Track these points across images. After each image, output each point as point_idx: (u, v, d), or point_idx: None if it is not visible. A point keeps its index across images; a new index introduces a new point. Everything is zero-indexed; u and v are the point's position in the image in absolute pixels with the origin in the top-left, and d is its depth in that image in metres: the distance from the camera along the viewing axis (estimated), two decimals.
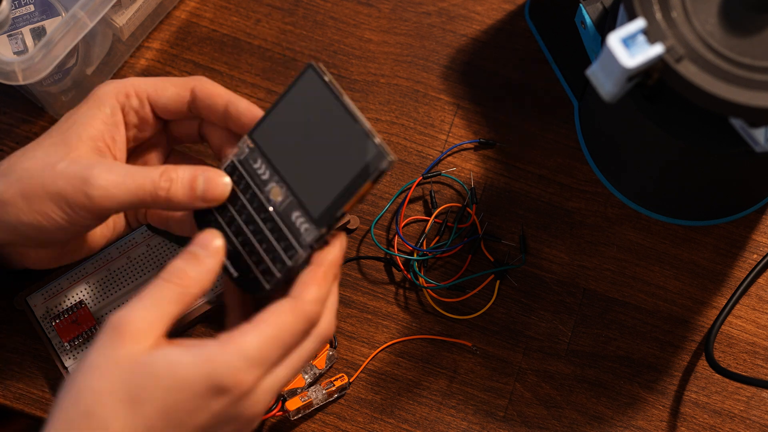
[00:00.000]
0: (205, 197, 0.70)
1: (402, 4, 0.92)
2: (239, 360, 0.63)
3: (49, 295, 0.83)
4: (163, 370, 0.63)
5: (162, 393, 0.62)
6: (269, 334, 0.65)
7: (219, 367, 0.63)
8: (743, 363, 0.85)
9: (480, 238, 0.86)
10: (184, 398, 0.63)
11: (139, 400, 0.62)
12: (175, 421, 0.63)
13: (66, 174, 0.69)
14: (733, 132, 0.75)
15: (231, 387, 0.63)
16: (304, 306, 0.66)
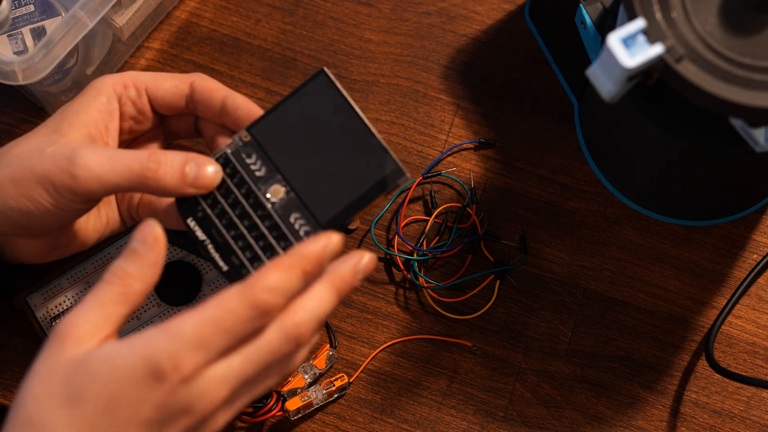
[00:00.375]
0: (195, 183, 0.69)
1: (402, 4, 0.92)
2: (175, 342, 0.61)
3: (49, 295, 0.83)
4: (99, 365, 0.61)
5: (100, 388, 0.61)
6: (208, 317, 0.61)
7: (154, 350, 0.60)
8: (743, 363, 0.85)
9: (480, 238, 0.86)
10: (122, 390, 0.60)
11: (78, 400, 0.61)
12: (118, 416, 0.60)
13: (53, 155, 0.69)
14: (733, 132, 0.75)
15: (168, 370, 0.60)
16: (254, 291, 0.62)
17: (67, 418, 0.60)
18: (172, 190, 0.69)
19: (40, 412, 0.61)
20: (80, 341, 0.62)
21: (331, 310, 0.66)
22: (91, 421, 0.60)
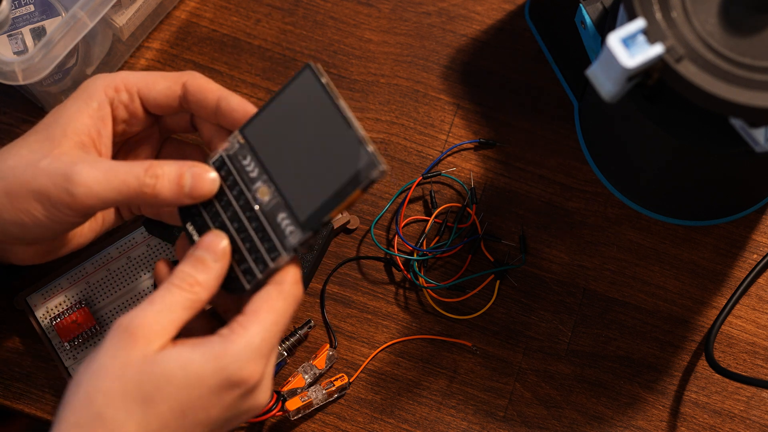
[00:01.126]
0: (192, 194, 0.69)
1: (402, 4, 0.92)
2: (248, 353, 0.65)
3: (49, 295, 0.83)
4: (175, 369, 0.63)
5: (175, 391, 0.63)
6: (269, 323, 0.66)
7: (230, 361, 0.64)
8: (743, 363, 0.85)
9: (480, 238, 0.86)
10: (197, 395, 0.63)
11: (152, 400, 0.63)
12: (190, 417, 0.64)
13: (48, 171, 0.68)
14: (733, 132, 0.75)
15: (243, 380, 0.65)
16: (290, 289, 0.67)
17: (140, 416, 0.63)
18: (169, 203, 0.70)
19: (112, 409, 0.62)
20: (148, 341, 0.64)
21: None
22: (163, 420, 0.63)
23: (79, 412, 0.62)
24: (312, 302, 0.86)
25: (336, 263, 0.86)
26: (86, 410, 0.62)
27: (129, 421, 0.62)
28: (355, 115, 0.69)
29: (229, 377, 0.64)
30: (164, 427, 0.63)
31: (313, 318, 0.85)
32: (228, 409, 0.65)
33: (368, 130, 0.89)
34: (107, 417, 0.62)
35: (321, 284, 0.86)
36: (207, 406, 0.64)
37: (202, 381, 0.64)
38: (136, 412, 0.62)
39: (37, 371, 0.84)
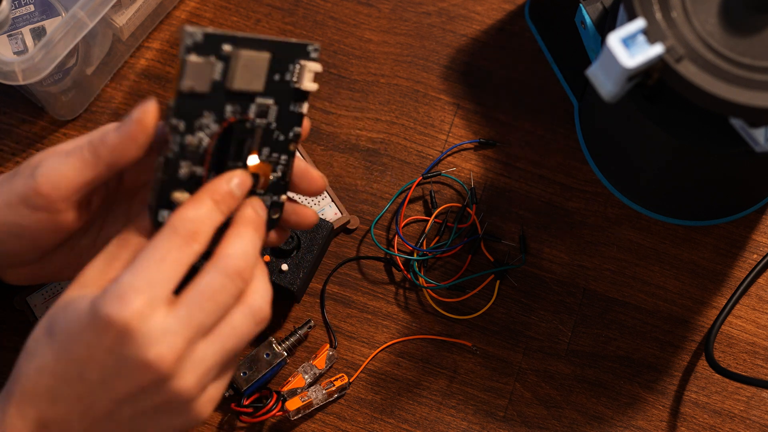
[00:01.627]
0: (137, 118, 0.67)
1: (402, 4, 0.92)
2: (123, 287, 0.61)
3: (49, 295, 0.83)
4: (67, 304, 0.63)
5: (62, 322, 0.63)
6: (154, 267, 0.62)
7: (101, 295, 0.62)
8: (743, 363, 0.85)
9: (480, 238, 0.86)
10: (76, 328, 0.62)
11: (51, 331, 0.63)
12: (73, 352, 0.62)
13: (22, 173, 0.69)
14: (733, 132, 0.75)
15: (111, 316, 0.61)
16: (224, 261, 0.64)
17: (42, 348, 0.63)
18: (126, 148, 0.67)
19: (32, 342, 0.64)
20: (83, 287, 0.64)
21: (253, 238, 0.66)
22: (55, 353, 0.63)
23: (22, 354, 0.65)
24: (312, 302, 0.86)
25: (336, 263, 0.86)
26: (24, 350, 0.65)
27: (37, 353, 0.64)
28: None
29: (96, 311, 0.61)
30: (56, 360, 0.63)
31: (313, 318, 0.85)
32: (109, 352, 0.61)
33: (368, 130, 0.89)
34: (28, 347, 0.64)
35: (321, 284, 0.86)
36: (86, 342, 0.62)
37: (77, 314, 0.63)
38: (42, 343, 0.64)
39: None
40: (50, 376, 0.63)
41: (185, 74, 0.65)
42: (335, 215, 0.86)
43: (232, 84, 0.66)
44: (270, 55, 0.67)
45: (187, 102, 0.66)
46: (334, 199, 0.86)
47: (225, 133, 0.67)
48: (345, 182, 0.88)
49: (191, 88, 0.65)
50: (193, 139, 0.66)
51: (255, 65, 0.67)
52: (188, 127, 0.66)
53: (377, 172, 0.88)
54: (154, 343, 0.61)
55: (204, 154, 0.67)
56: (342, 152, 0.89)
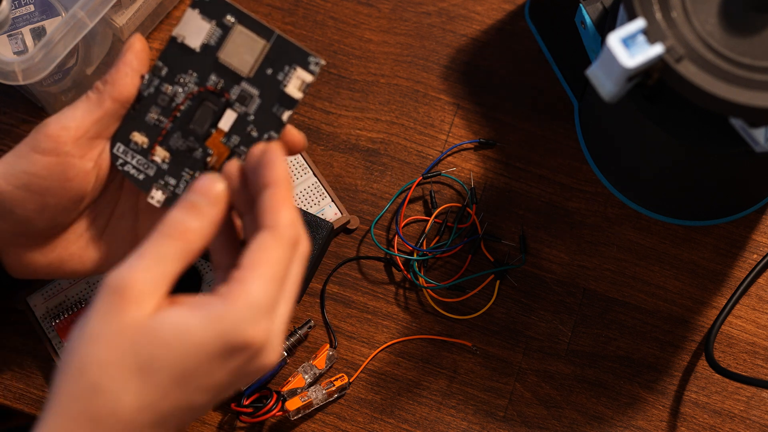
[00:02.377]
0: (128, 44, 0.69)
1: (402, 4, 0.92)
2: (251, 312, 0.60)
3: (49, 295, 0.83)
4: (172, 336, 0.59)
5: (174, 358, 0.59)
6: (268, 275, 0.61)
7: (231, 325, 0.60)
8: (743, 363, 0.85)
9: (480, 238, 0.86)
10: (198, 362, 0.59)
11: (149, 370, 0.59)
12: (192, 385, 0.60)
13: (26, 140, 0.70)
14: (733, 132, 0.75)
15: (247, 343, 0.60)
16: (284, 232, 0.62)
17: (137, 387, 0.59)
18: (124, 75, 0.69)
19: (109, 380, 0.59)
20: (140, 302, 0.60)
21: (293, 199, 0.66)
22: (163, 389, 0.59)
23: (74, 382, 0.59)
24: (312, 302, 0.86)
25: (336, 263, 0.86)
26: (81, 381, 0.59)
27: (126, 392, 0.59)
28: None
29: (231, 342, 0.59)
30: (164, 397, 0.60)
31: (313, 318, 0.85)
32: (233, 374, 0.61)
33: (368, 130, 0.89)
34: (103, 388, 0.59)
35: (321, 284, 0.86)
36: (209, 372, 0.60)
37: (201, 348, 0.59)
38: (133, 382, 0.59)
39: (37, 371, 0.84)
40: (153, 413, 0.60)
41: (181, 23, 0.69)
42: (335, 215, 0.86)
43: (220, 54, 0.69)
44: (267, 45, 0.68)
45: (176, 51, 0.69)
46: (334, 199, 0.86)
47: (200, 98, 0.69)
48: (345, 182, 0.88)
49: (183, 39, 0.69)
50: (169, 88, 0.69)
51: (248, 46, 0.68)
52: (169, 75, 0.69)
53: (377, 172, 0.88)
54: (275, 347, 0.62)
55: (174, 108, 0.70)
56: (342, 152, 0.89)
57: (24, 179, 0.70)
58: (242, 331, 0.60)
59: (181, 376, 0.60)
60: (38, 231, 0.73)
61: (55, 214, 0.72)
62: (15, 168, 0.70)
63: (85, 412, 0.59)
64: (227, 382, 0.61)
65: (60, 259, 0.74)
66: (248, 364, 0.61)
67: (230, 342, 0.60)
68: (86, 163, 0.71)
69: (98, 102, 0.70)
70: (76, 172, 0.70)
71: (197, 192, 0.64)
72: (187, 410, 0.61)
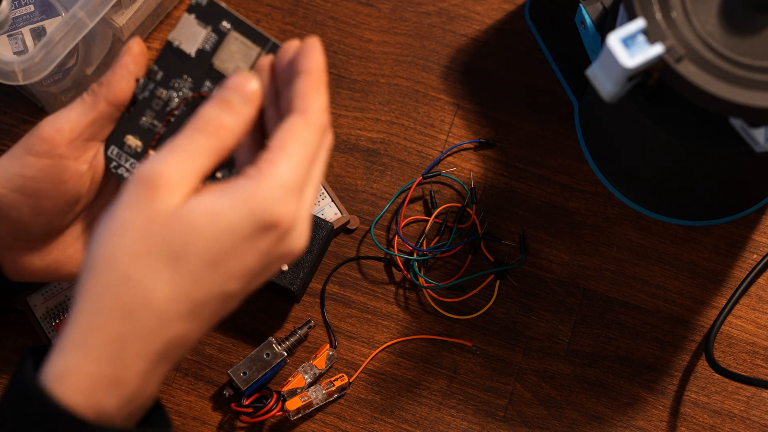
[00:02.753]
0: (126, 47, 0.69)
1: (402, 4, 0.92)
2: (280, 191, 0.59)
3: (49, 295, 0.83)
4: (203, 220, 0.58)
5: (206, 244, 0.58)
6: (298, 156, 0.60)
7: (261, 203, 0.59)
8: (743, 363, 0.85)
9: (480, 238, 0.86)
10: (230, 245, 0.58)
11: (181, 256, 0.58)
12: (223, 270, 0.59)
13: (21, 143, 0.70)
14: (733, 132, 0.75)
15: (277, 221, 0.59)
16: (315, 117, 0.62)
17: (170, 274, 0.58)
18: (120, 78, 0.69)
19: (139, 270, 0.58)
20: (171, 193, 0.59)
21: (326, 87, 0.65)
22: (195, 276, 0.59)
23: (103, 275, 0.58)
24: (312, 302, 0.86)
25: (336, 263, 0.86)
26: (110, 273, 0.58)
27: (158, 282, 0.58)
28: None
29: (262, 220, 0.59)
30: (196, 284, 0.59)
31: (313, 318, 0.85)
32: (264, 256, 0.60)
33: (368, 130, 0.89)
34: (134, 278, 0.58)
35: (321, 284, 0.86)
36: (241, 255, 0.59)
37: (233, 229, 0.58)
38: (164, 271, 0.58)
39: None
40: (186, 303, 0.59)
41: (177, 27, 0.69)
42: (335, 215, 0.86)
43: (215, 60, 0.69)
44: (262, 53, 0.69)
45: (172, 56, 0.69)
46: (334, 199, 0.86)
47: (194, 103, 0.69)
48: (345, 182, 0.88)
49: (178, 44, 0.69)
50: (164, 92, 0.70)
51: (243, 53, 0.68)
52: (164, 79, 0.69)
53: (377, 172, 0.88)
54: (303, 231, 0.61)
55: (168, 112, 0.70)
56: (342, 152, 0.89)
57: (19, 182, 0.70)
58: (272, 209, 0.59)
59: (213, 260, 0.59)
60: (34, 234, 0.73)
61: (50, 216, 0.72)
62: (9, 171, 0.70)
63: (116, 305, 0.58)
64: (258, 267, 0.60)
65: (57, 262, 0.74)
66: (277, 246, 0.60)
67: (261, 220, 0.59)
68: (81, 166, 0.70)
69: (93, 104, 0.69)
70: (71, 174, 0.70)
71: (231, 89, 0.63)
72: (219, 299, 0.60)
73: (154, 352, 0.59)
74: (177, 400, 0.84)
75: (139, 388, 0.59)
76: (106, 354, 0.58)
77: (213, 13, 0.68)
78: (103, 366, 0.58)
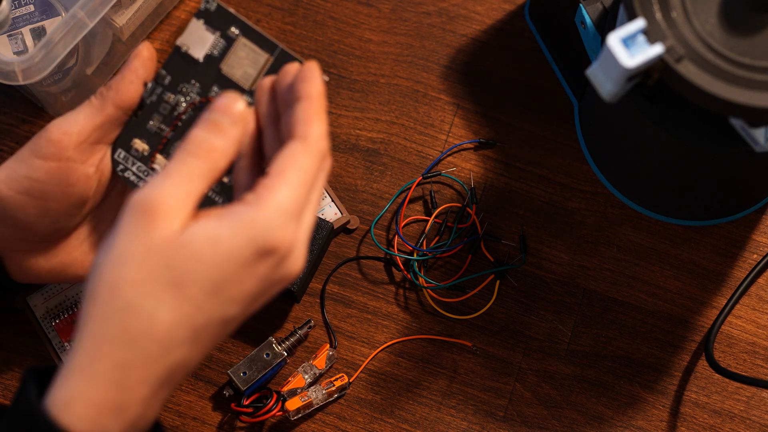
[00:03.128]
0: (136, 52, 0.70)
1: (402, 4, 0.92)
2: (278, 217, 0.60)
3: (49, 295, 0.83)
4: (203, 247, 0.59)
5: (206, 270, 0.59)
6: (297, 182, 0.61)
7: (261, 229, 0.60)
8: (743, 363, 0.85)
9: (480, 238, 0.86)
10: (230, 271, 0.59)
11: (182, 283, 0.59)
12: (224, 295, 0.60)
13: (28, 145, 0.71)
14: (733, 132, 0.75)
15: (276, 247, 0.60)
16: (315, 144, 0.63)
17: (172, 301, 0.59)
18: (129, 82, 0.69)
19: (142, 297, 0.59)
20: (169, 219, 0.59)
21: (325, 113, 0.66)
22: (197, 302, 0.59)
23: (106, 303, 0.59)
24: (312, 302, 0.86)
25: (336, 263, 0.86)
26: (113, 301, 0.59)
27: (160, 309, 0.59)
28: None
29: (261, 246, 0.59)
30: (198, 310, 0.59)
31: (313, 318, 0.85)
32: (263, 281, 0.61)
33: (368, 130, 0.89)
34: (136, 307, 0.59)
35: (321, 284, 0.86)
36: (240, 280, 0.60)
37: (233, 255, 0.59)
38: (166, 298, 0.59)
39: None
40: (188, 329, 0.60)
41: (185, 32, 0.69)
42: (335, 215, 0.86)
43: (223, 66, 0.69)
44: (270, 59, 0.68)
45: (180, 61, 0.69)
46: (334, 199, 0.86)
47: (201, 108, 0.69)
48: (345, 182, 0.88)
49: (187, 49, 0.69)
50: (171, 97, 0.70)
51: (251, 60, 0.68)
52: (172, 84, 0.69)
53: (377, 172, 0.88)
54: (301, 255, 0.62)
55: (175, 117, 0.70)
56: (342, 152, 0.89)
57: (26, 184, 0.70)
58: (271, 235, 0.60)
59: (214, 286, 0.59)
60: (40, 236, 0.73)
61: (56, 218, 0.72)
62: (17, 173, 0.70)
63: (120, 333, 0.59)
64: (257, 292, 0.61)
65: (63, 264, 0.74)
66: (276, 271, 0.61)
67: (260, 246, 0.60)
68: (88, 168, 0.71)
69: (101, 108, 0.70)
70: (78, 177, 0.70)
71: (219, 111, 0.63)
72: (219, 324, 0.60)
73: (156, 378, 0.60)
74: (177, 400, 0.84)
75: (142, 413, 0.60)
76: (111, 381, 0.59)
77: (222, 19, 0.69)
78: (107, 393, 0.59)
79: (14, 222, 0.71)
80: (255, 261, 0.60)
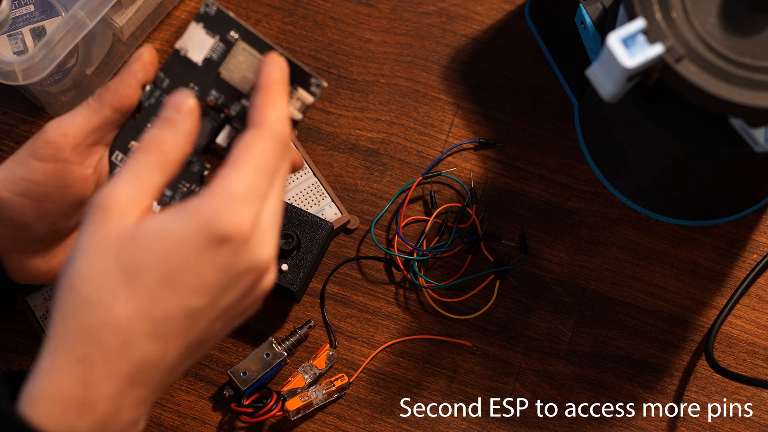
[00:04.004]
0: (136, 55, 0.69)
1: (402, 4, 0.92)
2: (228, 203, 0.60)
3: (49, 295, 0.83)
4: (153, 238, 0.59)
5: (157, 261, 0.59)
6: (250, 167, 0.61)
7: (209, 216, 0.59)
8: (743, 363, 0.85)
9: (480, 238, 0.86)
10: (181, 260, 0.59)
11: (135, 275, 0.59)
12: (180, 285, 0.59)
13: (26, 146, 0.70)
14: (733, 132, 0.75)
15: (229, 233, 0.59)
16: (270, 129, 0.63)
17: (126, 293, 0.59)
18: (127, 86, 0.69)
19: (97, 291, 0.59)
20: (123, 213, 0.60)
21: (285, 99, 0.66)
22: (151, 293, 0.59)
23: (66, 300, 0.59)
24: (312, 302, 0.86)
25: (336, 263, 0.86)
26: (72, 297, 0.59)
27: (116, 301, 0.59)
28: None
29: (211, 233, 0.59)
30: (153, 301, 0.59)
31: (313, 318, 0.85)
32: (223, 270, 0.60)
33: (368, 130, 0.89)
34: (93, 300, 0.59)
35: (321, 284, 0.86)
36: (196, 270, 0.59)
37: (182, 244, 0.59)
38: (121, 290, 0.59)
39: None
40: (147, 321, 0.59)
41: (184, 36, 0.68)
42: (335, 215, 0.86)
43: (222, 69, 0.69)
44: None
45: (179, 64, 0.69)
46: (334, 199, 0.86)
47: (200, 111, 0.69)
48: (345, 182, 0.88)
49: (185, 52, 0.69)
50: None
51: (250, 64, 0.68)
52: (171, 87, 0.69)
53: (377, 172, 0.88)
54: (265, 244, 0.61)
55: None
56: (342, 152, 0.89)
57: (23, 186, 0.70)
58: (221, 221, 0.59)
59: (167, 276, 0.59)
60: (39, 237, 0.73)
61: (54, 220, 0.72)
62: (14, 174, 0.70)
63: (79, 327, 0.59)
64: (221, 281, 0.60)
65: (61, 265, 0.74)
66: (236, 259, 0.60)
67: (211, 233, 0.59)
68: (85, 170, 0.71)
69: (98, 109, 0.69)
70: (76, 178, 0.70)
71: (170, 107, 0.64)
72: (182, 316, 0.60)
73: (121, 374, 0.59)
74: (177, 400, 0.84)
75: (111, 413, 0.59)
76: (74, 376, 0.59)
77: (221, 23, 0.68)
78: (72, 389, 0.59)
79: (13, 223, 0.71)
80: (209, 249, 0.59)
